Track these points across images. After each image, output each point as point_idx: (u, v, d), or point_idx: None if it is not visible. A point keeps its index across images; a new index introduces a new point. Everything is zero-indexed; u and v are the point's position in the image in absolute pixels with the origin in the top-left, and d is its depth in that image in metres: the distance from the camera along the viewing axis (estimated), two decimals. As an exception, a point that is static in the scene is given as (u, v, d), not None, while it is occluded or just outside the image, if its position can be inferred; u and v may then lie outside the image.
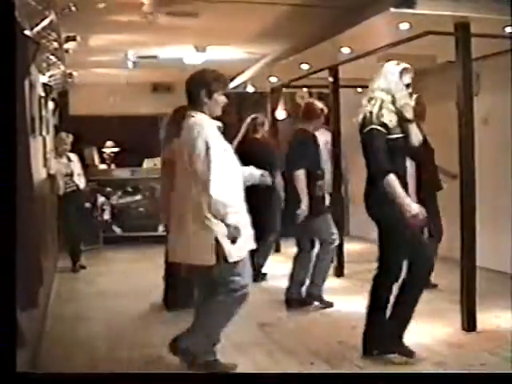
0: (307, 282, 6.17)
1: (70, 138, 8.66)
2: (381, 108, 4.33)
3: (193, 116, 4.30)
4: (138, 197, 10.95)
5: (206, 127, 4.20)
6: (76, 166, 8.72)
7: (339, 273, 7.53)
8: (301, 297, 6.16)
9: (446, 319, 5.30)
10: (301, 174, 5.90)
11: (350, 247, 8.41)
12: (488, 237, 4.64)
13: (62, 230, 9.13)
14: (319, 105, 6.39)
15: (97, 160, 11.12)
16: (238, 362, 4.57)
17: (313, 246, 6.26)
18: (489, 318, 5.21)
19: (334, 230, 6.14)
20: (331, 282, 6.73)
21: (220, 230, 4.08)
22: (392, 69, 4.45)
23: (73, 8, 5.30)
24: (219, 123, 4.33)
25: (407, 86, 4.43)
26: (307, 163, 5.96)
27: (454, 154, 5.28)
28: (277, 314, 5.91)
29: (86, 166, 9.92)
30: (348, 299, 6.29)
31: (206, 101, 4.29)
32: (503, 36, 5.60)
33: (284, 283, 6.31)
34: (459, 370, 4.17)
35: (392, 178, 4.21)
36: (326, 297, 6.20)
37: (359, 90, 9.87)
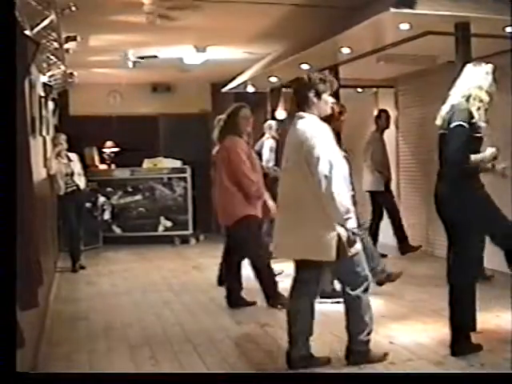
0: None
1: (64, 137, 8.63)
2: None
3: (302, 117, 4.34)
4: (138, 197, 10.96)
5: (319, 129, 4.26)
6: (76, 166, 8.72)
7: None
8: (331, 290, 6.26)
9: (445, 319, 5.29)
10: None
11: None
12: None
13: (62, 229, 9.14)
14: (337, 108, 6.43)
15: (97, 160, 11.12)
16: (238, 361, 4.59)
17: None
18: (489, 318, 5.21)
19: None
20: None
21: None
22: (488, 69, 4.48)
23: (73, 8, 5.30)
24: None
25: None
26: None
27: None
28: (277, 314, 5.91)
29: (86, 166, 9.92)
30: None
31: (315, 101, 4.33)
32: (503, 36, 5.60)
33: (284, 283, 6.30)
34: (459, 370, 4.17)
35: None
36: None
37: (359, 90, 9.91)
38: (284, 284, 6.87)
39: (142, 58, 8.70)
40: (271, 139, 8.91)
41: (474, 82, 4.43)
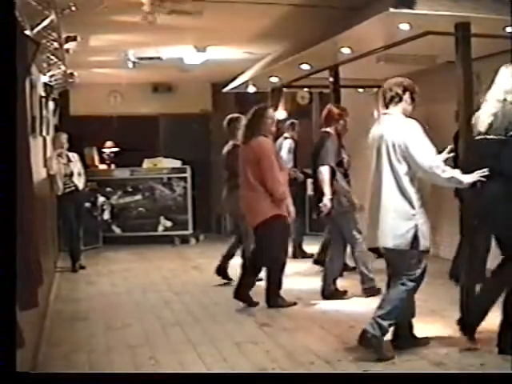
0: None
1: (65, 137, 8.62)
2: None
3: (389, 114, 4.52)
4: (138, 197, 10.96)
5: (411, 123, 4.42)
6: (76, 166, 8.70)
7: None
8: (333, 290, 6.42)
9: (445, 319, 5.30)
10: (324, 170, 6.28)
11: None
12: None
13: (62, 229, 9.13)
14: (336, 110, 6.68)
15: (97, 160, 11.12)
16: (238, 361, 4.59)
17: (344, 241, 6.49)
18: (489, 318, 5.20)
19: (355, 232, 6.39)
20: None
21: (419, 218, 4.36)
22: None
23: (73, 8, 5.30)
24: None
25: None
26: (330, 161, 6.30)
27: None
28: (277, 314, 5.91)
29: (87, 166, 9.92)
30: (347, 299, 6.31)
31: (408, 101, 4.53)
32: (503, 36, 5.59)
33: (285, 283, 6.33)
34: (459, 370, 4.17)
35: None
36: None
37: (359, 90, 9.90)
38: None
39: (142, 58, 8.70)
40: (289, 139, 8.67)
41: (506, 85, 4.45)
